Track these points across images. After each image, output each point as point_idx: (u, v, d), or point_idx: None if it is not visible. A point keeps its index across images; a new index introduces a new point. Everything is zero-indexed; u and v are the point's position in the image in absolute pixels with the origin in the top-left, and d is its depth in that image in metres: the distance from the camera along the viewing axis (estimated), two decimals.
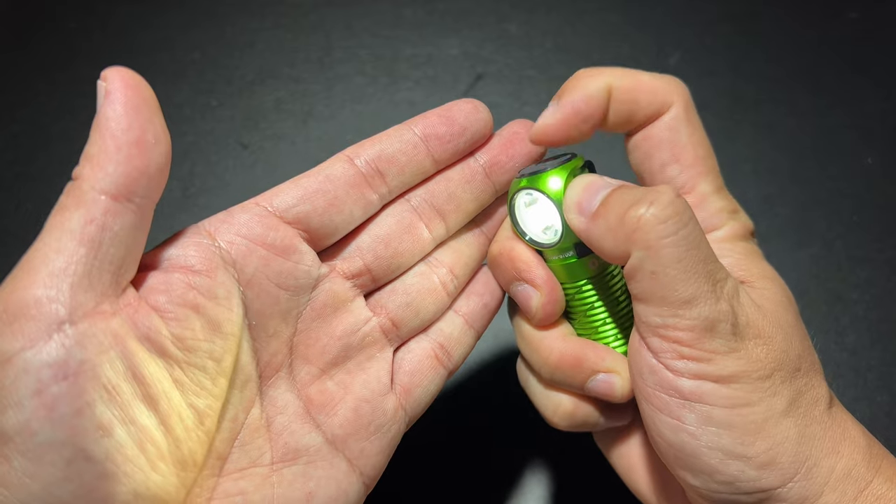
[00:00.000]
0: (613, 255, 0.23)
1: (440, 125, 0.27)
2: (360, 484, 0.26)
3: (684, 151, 0.26)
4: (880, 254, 0.44)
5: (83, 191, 0.21)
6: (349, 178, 0.26)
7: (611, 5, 0.53)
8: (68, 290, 0.20)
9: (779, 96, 0.49)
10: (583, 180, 0.25)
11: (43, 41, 0.52)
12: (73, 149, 0.47)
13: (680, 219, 0.22)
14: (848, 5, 0.53)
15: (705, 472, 0.23)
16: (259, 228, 0.24)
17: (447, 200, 0.27)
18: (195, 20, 0.53)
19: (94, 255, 0.20)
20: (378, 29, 0.53)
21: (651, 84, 0.26)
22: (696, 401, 0.22)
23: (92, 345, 0.20)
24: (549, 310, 0.26)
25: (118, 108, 0.21)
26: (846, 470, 0.23)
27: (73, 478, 0.19)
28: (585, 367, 0.26)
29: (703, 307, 0.22)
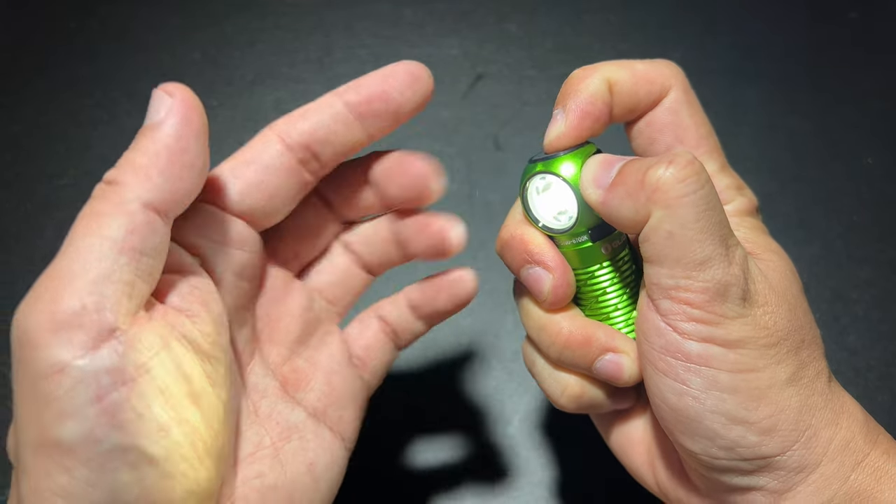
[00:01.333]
0: (632, 221, 0.23)
1: (375, 102, 0.26)
2: (343, 449, 0.28)
3: (687, 133, 0.27)
4: (880, 254, 0.44)
5: (125, 199, 0.21)
6: (286, 164, 0.26)
7: (611, 5, 0.53)
8: (113, 297, 0.20)
9: (779, 96, 0.49)
10: (597, 157, 0.25)
11: (43, 41, 0.52)
12: (72, 149, 0.48)
13: (698, 178, 0.22)
14: (848, 5, 0.53)
15: (707, 436, 0.23)
16: (216, 226, 0.25)
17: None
18: (195, 20, 0.53)
19: (136, 265, 0.20)
20: (378, 29, 0.53)
21: (647, 72, 0.27)
22: (703, 364, 0.22)
23: (144, 348, 0.20)
24: (560, 293, 0.26)
25: (180, 127, 0.22)
26: (844, 441, 0.23)
27: (136, 482, 0.19)
28: (595, 346, 0.26)
29: (716, 270, 0.22)
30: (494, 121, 0.49)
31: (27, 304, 0.20)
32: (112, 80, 0.51)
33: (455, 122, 0.49)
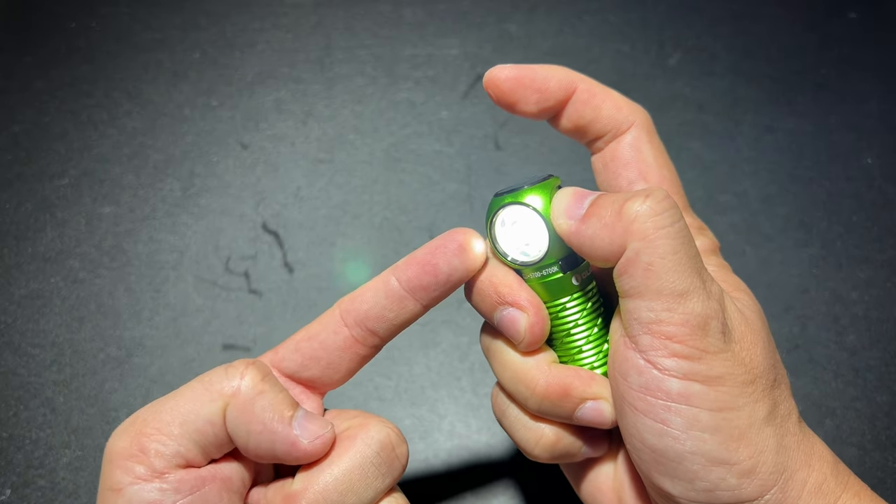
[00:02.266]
0: (607, 253, 0.23)
1: (424, 276, 0.26)
2: None
3: (650, 170, 0.27)
4: (880, 254, 0.44)
5: (222, 393, 0.25)
6: (341, 342, 0.27)
7: (611, 5, 0.53)
8: (174, 449, 0.24)
9: (779, 96, 0.49)
10: (569, 190, 0.25)
11: (43, 41, 0.52)
12: (72, 149, 0.48)
13: (674, 213, 0.23)
14: (848, 5, 0.53)
15: (685, 478, 0.23)
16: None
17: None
18: (195, 20, 0.53)
19: (201, 444, 0.25)
20: (378, 29, 0.53)
21: (617, 99, 0.28)
22: (683, 402, 0.22)
23: (186, 486, 0.24)
24: (536, 331, 0.26)
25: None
26: (817, 484, 0.23)
27: None
28: (574, 395, 0.26)
29: (695, 302, 0.22)
30: (494, 121, 0.49)
31: (122, 427, 0.25)
32: (112, 80, 0.51)
33: (455, 122, 0.49)
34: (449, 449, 0.39)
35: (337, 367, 0.27)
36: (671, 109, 0.49)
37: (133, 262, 0.44)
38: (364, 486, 0.25)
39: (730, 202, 0.45)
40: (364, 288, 0.27)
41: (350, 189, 0.46)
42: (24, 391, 0.39)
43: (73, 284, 0.43)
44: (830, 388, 0.40)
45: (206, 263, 0.44)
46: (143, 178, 0.47)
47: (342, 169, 0.47)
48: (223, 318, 0.42)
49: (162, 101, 0.50)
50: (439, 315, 0.42)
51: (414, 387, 0.40)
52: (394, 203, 0.46)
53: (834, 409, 0.39)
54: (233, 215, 0.46)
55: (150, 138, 0.48)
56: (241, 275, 0.43)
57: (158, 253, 0.44)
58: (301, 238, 0.45)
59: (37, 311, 0.42)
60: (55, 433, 0.38)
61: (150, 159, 0.48)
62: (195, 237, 0.45)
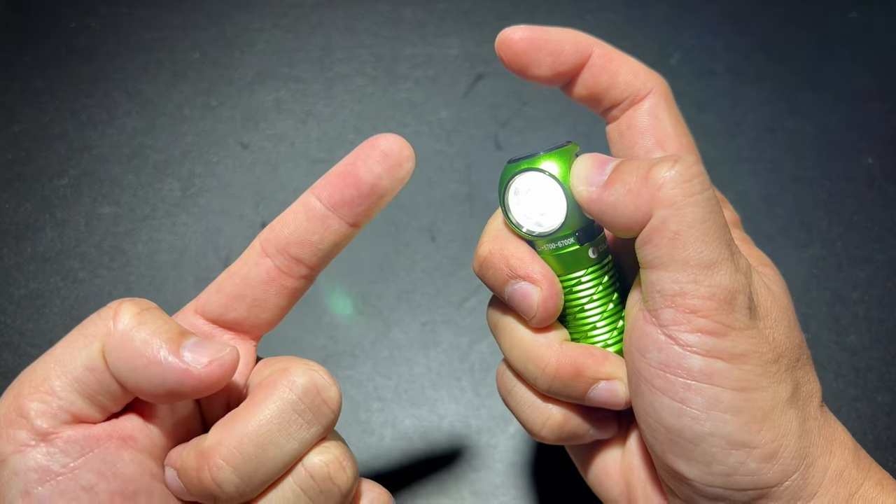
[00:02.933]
0: (631, 221, 0.22)
1: (346, 189, 0.25)
2: None
3: (668, 139, 0.26)
4: (880, 254, 0.44)
5: (96, 335, 0.23)
6: (264, 274, 0.25)
7: (611, 5, 0.53)
8: (56, 408, 0.22)
9: (779, 96, 0.49)
10: (589, 155, 0.24)
11: (43, 41, 0.52)
12: (72, 149, 0.48)
13: (703, 180, 0.21)
14: (848, 5, 0.53)
15: (703, 460, 0.22)
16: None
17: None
18: (195, 20, 0.53)
19: (84, 395, 0.22)
20: (378, 29, 0.53)
21: (635, 65, 0.26)
22: (705, 381, 0.21)
23: (74, 448, 0.22)
24: (550, 305, 0.24)
25: None
26: (838, 471, 0.22)
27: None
28: (586, 375, 0.25)
29: (723, 275, 0.21)
30: (494, 121, 0.49)
31: (4, 394, 0.23)
32: (112, 80, 0.51)
33: (455, 122, 0.49)
34: (449, 449, 0.39)
35: (263, 304, 0.26)
36: None
37: (133, 262, 0.44)
38: (286, 437, 0.22)
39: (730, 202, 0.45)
40: (284, 213, 0.26)
41: None
42: None
43: (72, 284, 0.43)
44: (831, 388, 0.40)
45: (206, 263, 0.44)
46: (143, 178, 0.47)
47: None
48: None
49: (162, 101, 0.50)
50: (439, 315, 0.42)
51: (414, 387, 0.40)
52: (394, 203, 0.46)
53: (834, 409, 0.39)
54: (233, 215, 0.45)
55: (150, 138, 0.48)
56: None
57: (158, 253, 0.44)
58: None
59: (36, 311, 0.42)
60: None
61: (150, 159, 0.48)
62: (195, 237, 0.45)
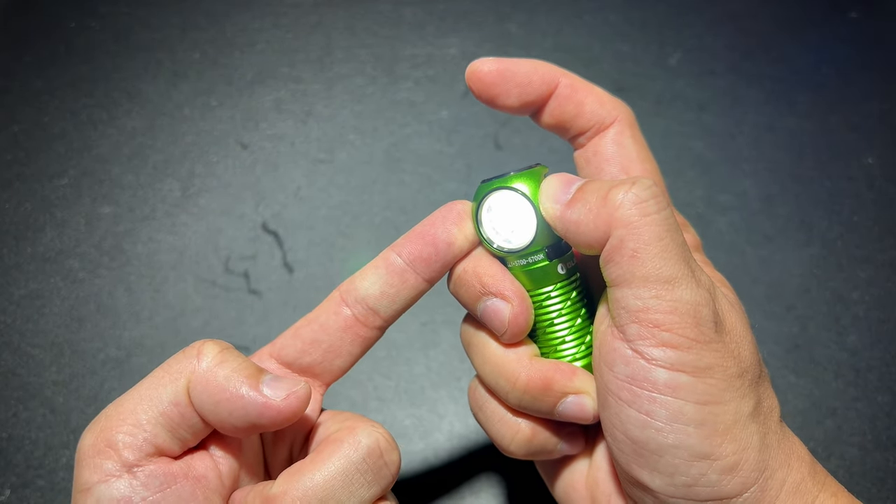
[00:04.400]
0: (591, 239, 0.23)
1: (424, 247, 0.26)
2: None
3: (632, 165, 0.27)
4: (880, 254, 0.44)
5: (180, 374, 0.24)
6: (341, 323, 0.27)
7: (611, 5, 0.53)
8: (142, 440, 0.24)
9: (779, 96, 0.49)
10: (558, 175, 0.25)
11: (43, 41, 0.52)
12: (72, 149, 0.48)
13: (659, 201, 0.22)
14: (848, 5, 0.53)
15: (666, 472, 0.22)
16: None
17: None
18: (195, 20, 0.53)
19: (171, 428, 0.24)
20: (378, 29, 0.53)
21: (601, 95, 0.27)
22: (670, 394, 0.22)
23: (154, 483, 0.24)
24: (521, 320, 0.25)
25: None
26: (795, 484, 0.23)
27: None
28: (555, 389, 0.25)
29: (684, 290, 0.22)
30: (494, 121, 0.49)
31: (89, 426, 0.24)
32: (112, 80, 0.51)
33: (455, 122, 0.49)
34: (449, 449, 0.39)
35: (338, 351, 0.27)
36: (671, 109, 0.49)
37: (132, 262, 0.44)
38: (347, 494, 0.24)
39: (730, 202, 0.45)
40: (364, 268, 0.27)
41: (350, 189, 0.46)
42: (23, 391, 0.39)
43: (72, 284, 0.43)
44: (831, 388, 0.40)
45: (206, 263, 0.44)
46: (143, 178, 0.47)
47: (342, 169, 0.47)
48: (223, 318, 0.42)
49: (161, 101, 0.50)
50: (439, 315, 0.42)
51: (414, 387, 0.40)
52: (394, 203, 0.46)
53: (834, 409, 0.39)
54: (233, 215, 0.46)
55: (150, 138, 0.48)
56: (240, 275, 0.43)
57: (158, 253, 0.44)
58: (301, 238, 0.45)
59: (36, 311, 0.42)
60: (55, 433, 0.38)
61: (150, 159, 0.48)
62: (195, 237, 0.45)
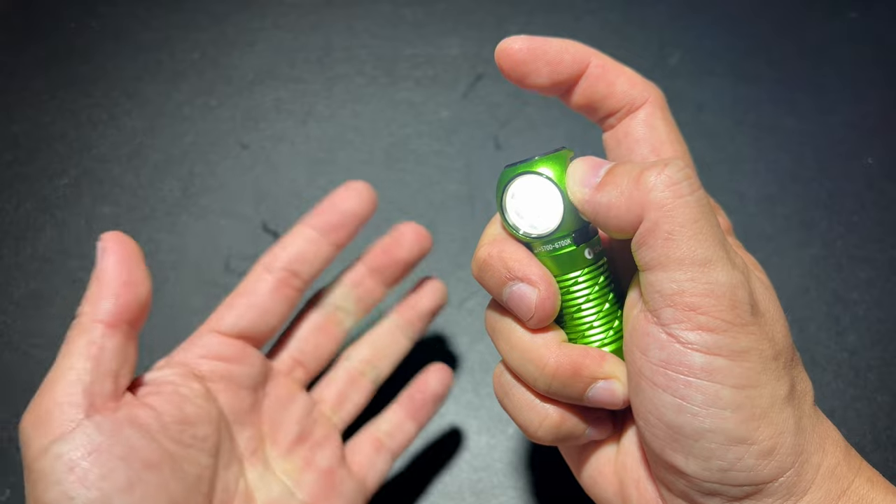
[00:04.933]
0: (624, 222, 0.23)
1: (332, 216, 0.34)
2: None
3: (663, 147, 0.27)
4: (880, 254, 0.44)
5: (84, 323, 0.28)
6: (269, 287, 0.33)
7: (611, 5, 0.53)
8: (81, 395, 0.26)
9: (779, 96, 0.49)
10: (584, 159, 0.25)
11: (43, 41, 0.52)
12: (72, 149, 0.48)
13: (693, 182, 0.22)
14: (848, 5, 0.53)
15: (702, 456, 0.22)
16: (215, 347, 0.32)
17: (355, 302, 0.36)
18: (195, 20, 0.53)
19: (97, 368, 0.27)
20: (378, 29, 0.53)
21: (632, 76, 0.27)
22: (706, 378, 0.22)
23: (104, 430, 0.26)
24: (547, 306, 0.25)
25: (110, 262, 0.28)
26: (830, 468, 0.23)
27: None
28: (585, 374, 0.25)
29: (720, 272, 0.22)
30: (494, 121, 0.49)
31: (24, 415, 0.27)
32: (112, 80, 0.51)
33: (455, 122, 0.49)
34: (449, 449, 0.39)
35: (271, 311, 0.33)
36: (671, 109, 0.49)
37: None
38: None
39: (730, 202, 0.45)
40: (281, 241, 0.34)
41: None
42: (23, 391, 0.39)
43: (72, 284, 0.43)
44: (830, 388, 0.40)
45: (206, 263, 0.44)
46: (143, 178, 0.47)
47: (342, 169, 0.47)
48: None
49: (162, 101, 0.50)
50: (439, 315, 0.42)
51: None
52: (394, 203, 0.46)
53: (834, 408, 0.39)
54: (233, 215, 0.46)
55: (150, 138, 0.48)
56: (241, 275, 0.43)
57: (158, 253, 0.44)
58: None
59: (36, 311, 0.42)
60: None
61: (150, 159, 0.48)
62: (195, 237, 0.45)
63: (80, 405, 0.26)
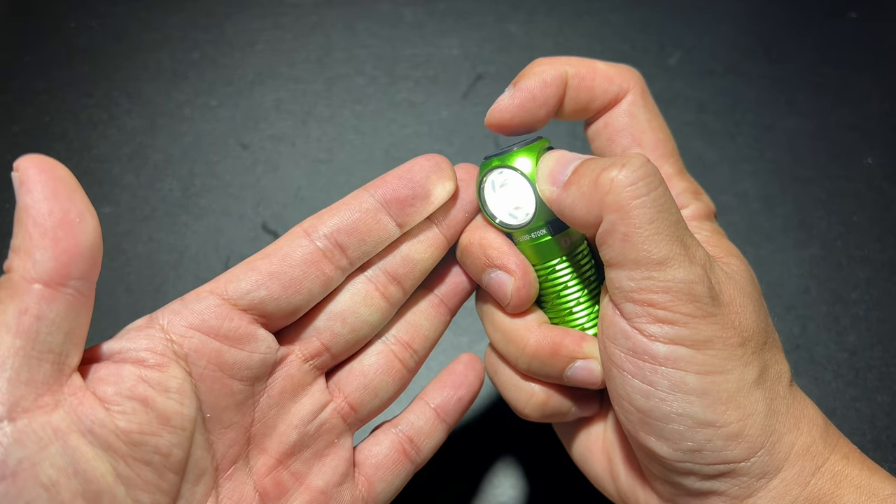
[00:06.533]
0: (586, 222, 0.23)
1: (401, 188, 0.26)
2: None
3: (644, 136, 0.27)
4: (880, 254, 0.44)
5: (14, 282, 0.20)
6: (306, 255, 0.25)
7: (611, 5, 0.53)
8: (5, 386, 0.19)
9: (779, 96, 0.49)
10: (554, 154, 0.25)
11: (43, 41, 0.52)
12: (72, 148, 0.48)
13: (651, 181, 0.22)
14: (848, 5, 0.53)
15: (672, 438, 0.23)
16: (213, 320, 0.23)
17: (401, 263, 0.27)
18: (195, 20, 0.53)
19: (32, 346, 0.19)
20: (378, 29, 0.53)
21: (607, 71, 0.27)
22: (671, 366, 0.22)
23: (31, 441, 0.19)
24: (523, 294, 0.26)
25: (35, 194, 0.20)
26: (805, 446, 0.23)
27: None
28: (563, 354, 0.26)
29: (677, 270, 0.22)
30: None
31: None
32: (112, 80, 0.51)
33: (455, 122, 0.49)
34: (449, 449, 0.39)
35: (299, 286, 0.24)
36: (671, 109, 0.49)
37: (133, 262, 0.44)
38: None
39: (730, 202, 0.45)
40: (332, 205, 0.26)
41: (350, 189, 0.46)
42: None
43: None
44: (830, 388, 0.40)
45: (206, 263, 0.44)
46: (143, 178, 0.47)
47: (342, 169, 0.47)
48: None
49: (162, 101, 0.50)
50: None
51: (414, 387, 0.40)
52: None
53: (834, 408, 0.39)
54: (233, 215, 0.46)
55: (150, 138, 0.48)
56: None
57: (158, 253, 0.44)
58: None
59: None
60: None
61: (150, 159, 0.48)
62: (195, 237, 0.45)
63: (2, 400, 0.19)
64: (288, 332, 0.26)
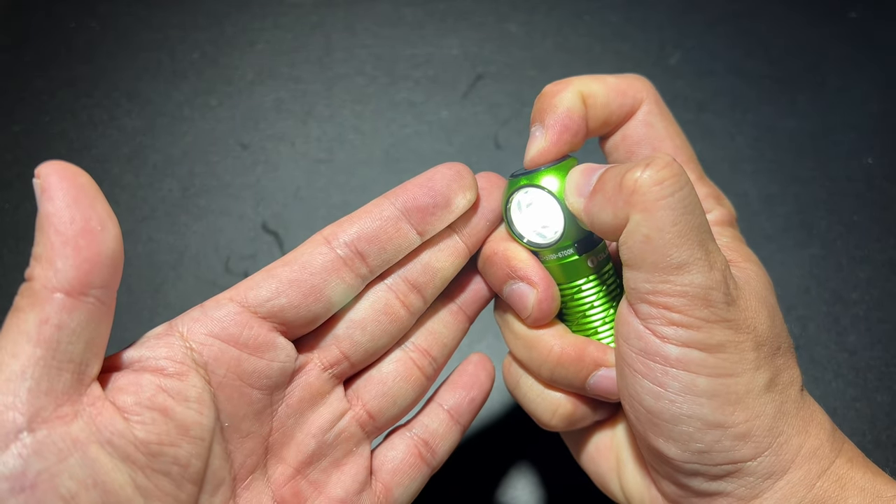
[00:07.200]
0: (611, 226, 0.23)
1: (422, 196, 0.25)
2: None
3: (663, 144, 0.27)
4: (880, 254, 0.44)
5: (36, 291, 0.20)
6: (326, 263, 0.25)
7: (611, 5, 0.53)
8: (26, 396, 0.19)
9: (779, 96, 0.49)
10: (579, 167, 0.25)
11: (43, 41, 0.52)
12: (72, 149, 0.48)
13: (676, 181, 0.22)
14: (848, 5, 0.53)
15: (681, 439, 0.23)
16: (232, 328, 0.23)
17: (422, 272, 0.26)
18: (195, 20, 0.53)
19: (52, 356, 0.19)
20: (378, 29, 0.53)
21: (618, 85, 0.27)
22: (682, 368, 0.22)
23: (50, 453, 0.19)
24: (544, 307, 0.26)
25: (57, 202, 0.20)
26: (812, 449, 0.23)
27: None
28: (588, 361, 0.26)
29: (696, 274, 0.22)
30: (494, 121, 0.49)
31: None
32: (112, 80, 0.51)
33: (455, 122, 0.49)
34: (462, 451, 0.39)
35: (318, 294, 0.24)
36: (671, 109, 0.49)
37: (133, 262, 0.44)
38: None
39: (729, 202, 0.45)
40: (353, 213, 0.26)
41: (350, 189, 0.46)
42: None
43: None
44: (830, 388, 0.40)
45: (206, 263, 0.44)
46: (143, 178, 0.47)
47: (342, 169, 0.47)
48: None
49: (161, 101, 0.50)
50: None
51: None
52: None
53: (834, 408, 0.39)
54: (233, 215, 0.46)
55: (150, 138, 0.48)
56: (240, 275, 0.43)
57: (158, 253, 0.44)
58: (301, 238, 0.44)
59: None
60: None
61: (150, 159, 0.48)
62: (195, 237, 0.45)
63: (22, 410, 0.19)
64: (307, 340, 0.26)
